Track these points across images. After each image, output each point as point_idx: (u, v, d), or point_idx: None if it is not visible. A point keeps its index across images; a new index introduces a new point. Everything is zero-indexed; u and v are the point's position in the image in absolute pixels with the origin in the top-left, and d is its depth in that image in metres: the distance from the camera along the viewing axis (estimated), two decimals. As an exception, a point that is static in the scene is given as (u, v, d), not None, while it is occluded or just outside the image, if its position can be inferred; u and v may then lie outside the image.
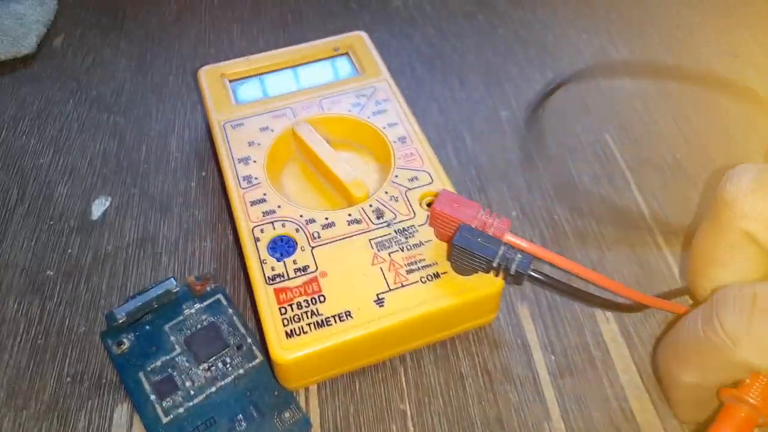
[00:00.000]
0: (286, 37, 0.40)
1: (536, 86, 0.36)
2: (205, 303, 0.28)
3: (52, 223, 0.31)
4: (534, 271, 0.23)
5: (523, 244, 0.24)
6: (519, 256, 0.23)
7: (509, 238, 0.24)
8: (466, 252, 0.23)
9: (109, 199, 0.32)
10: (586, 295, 0.25)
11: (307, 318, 0.24)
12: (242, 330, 0.27)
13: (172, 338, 0.26)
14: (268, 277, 0.25)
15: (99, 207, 0.31)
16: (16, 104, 0.36)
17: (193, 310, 0.27)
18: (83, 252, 0.30)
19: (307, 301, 0.24)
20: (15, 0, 0.40)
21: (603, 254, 0.29)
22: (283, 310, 0.24)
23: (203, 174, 0.33)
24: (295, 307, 0.24)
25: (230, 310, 0.27)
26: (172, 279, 0.28)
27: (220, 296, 0.28)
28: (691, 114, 0.35)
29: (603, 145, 0.34)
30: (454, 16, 0.41)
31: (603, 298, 0.25)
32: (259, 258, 0.26)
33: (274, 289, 0.25)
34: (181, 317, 0.27)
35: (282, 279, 0.25)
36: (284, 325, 0.24)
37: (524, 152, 0.33)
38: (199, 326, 0.27)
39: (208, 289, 0.28)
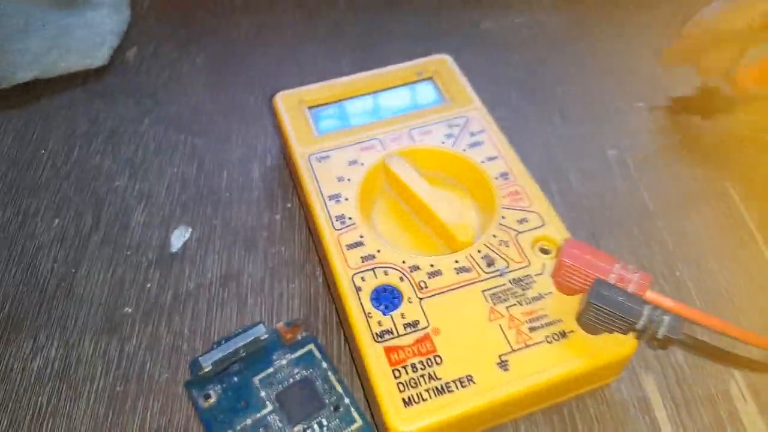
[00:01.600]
0: (372, 59, 0.37)
1: (647, 123, 0.34)
2: (296, 354, 0.25)
3: (129, 253, 0.29)
4: (685, 335, 0.21)
5: (668, 302, 0.21)
6: (667, 318, 0.21)
7: (651, 295, 0.21)
8: (606, 312, 0.21)
9: (189, 229, 0.30)
10: (745, 361, 0.22)
11: (425, 383, 0.22)
12: (338, 388, 0.24)
13: (263, 393, 0.24)
14: (376, 334, 0.23)
15: (179, 238, 0.29)
16: (89, 120, 0.35)
17: (284, 362, 0.25)
18: (163, 288, 0.27)
19: (423, 362, 0.22)
20: (90, 7, 0.38)
21: (734, 321, 0.26)
22: (396, 373, 0.22)
23: (288, 206, 0.30)
24: (409, 369, 0.22)
25: (324, 364, 0.25)
26: (262, 325, 0.25)
27: (312, 346, 0.25)
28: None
29: (725, 195, 0.31)
30: (553, 42, 0.38)
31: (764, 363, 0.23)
32: (363, 311, 0.23)
33: (385, 348, 0.22)
34: (271, 369, 0.25)
35: (391, 336, 0.23)
36: (400, 391, 0.21)
37: (637, 197, 0.30)
38: (291, 380, 0.24)
39: (299, 337, 0.26)
